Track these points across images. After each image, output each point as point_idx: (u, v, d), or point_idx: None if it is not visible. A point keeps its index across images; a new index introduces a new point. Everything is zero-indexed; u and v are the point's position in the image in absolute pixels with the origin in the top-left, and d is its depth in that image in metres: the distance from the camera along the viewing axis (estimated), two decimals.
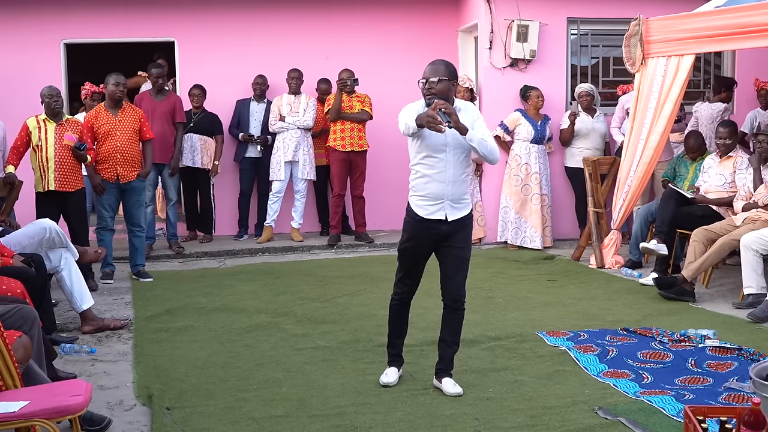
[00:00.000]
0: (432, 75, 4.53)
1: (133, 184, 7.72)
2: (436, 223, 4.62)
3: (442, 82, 4.51)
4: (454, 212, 4.62)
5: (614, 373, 5.02)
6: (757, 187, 7.19)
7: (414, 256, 4.73)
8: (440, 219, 4.60)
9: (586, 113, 9.22)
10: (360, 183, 9.47)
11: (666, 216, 7.52)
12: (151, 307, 6.77)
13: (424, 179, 4.60)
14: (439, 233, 4.63)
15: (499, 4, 9.34)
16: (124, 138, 7.61)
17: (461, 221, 4.66)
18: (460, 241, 4.67)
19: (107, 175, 7.59)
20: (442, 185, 4.57)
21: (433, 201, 4.60)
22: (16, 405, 3.42)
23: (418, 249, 4.71)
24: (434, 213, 4.61)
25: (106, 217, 7.68)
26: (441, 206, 4.60)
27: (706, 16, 7.24)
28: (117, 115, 7.62)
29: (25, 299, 4.83)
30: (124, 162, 7.63)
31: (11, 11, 9.56)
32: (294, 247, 9.40)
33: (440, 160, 4.55)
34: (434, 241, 4.67)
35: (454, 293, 4.71)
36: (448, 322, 4.78)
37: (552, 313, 6.50)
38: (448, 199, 4.59)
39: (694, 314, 6.45)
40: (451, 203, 4.60)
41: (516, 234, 9.19)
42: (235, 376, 5.04)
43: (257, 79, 9.64)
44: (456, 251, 4.67)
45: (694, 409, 3.50)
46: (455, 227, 4.64)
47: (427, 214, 4.62)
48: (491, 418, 4.35)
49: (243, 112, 9.69)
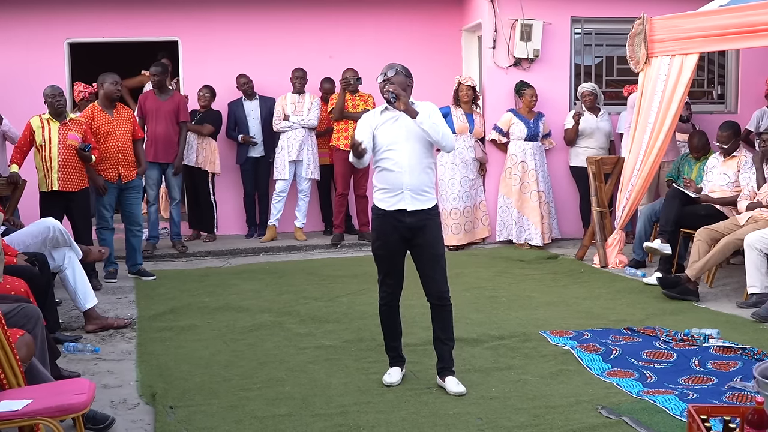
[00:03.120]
0: (389, 69, 4.75)
1: (132, 183, 7.77)
2: (399, 215, 4.66)
3: (400, 75, 4.71)
4: (414, 202, 4.66)
5: (618, 373, 5.02)
6: (760, 186, 7.18)
7: (387, 256, 4.77)
8: (402, 209, 4.65)
9: (590, 112, 9.21)
10: (363, 182, 9.46)
11: (670, 215, 7.50)
12: (154, 306, 6.77)
13: (384, 172, 4.71)
14: (405, 227, 4.67)
15: (502, 3, 9.32)
16: (122, 137, 7.64)
17: (425, 214, 4.68)
18: (429, 239, 4.70)
19: (109, 175, 7.60)
20: (400, 174, 4.64)
21: (392, 192, 4.67)
22: (19, 403, 3.43)
23: (388, 247, 4.74)
24: (395, 204, 4.67)
25: (107, 217, 7.69)
26: (401, 197, 4.66)
27: (710, 15, 7.23)
28: (113, 114, 7.64)
29: (28, 298, 4.84)
30: (124, 161, 7.65)
31: (15, 10, 9.57)
32: (297, 247, 9.40)
33: (396, 152, 4.66)
34: (401, 236, 4.70)
35: (436, 291, 4.74)
36: (437, 319, 4.80)
37: (555, 312, 6.49)
38: (407, 188, 4.64)
39: (697, 314, 6.44)
40: (411, 193, 4.65)
41: (520, 232, 9.19)
42: (238, 375, 5.05)
43: (241, 79, 9.59)
44: (427, 250, 4.70)
45: (698, 408, 3.49)
46: (419, 220, 4.67)
47: (388, 206, 4.69)
48: (494, 417, 4.34)
49: (238, 113, 9.65)
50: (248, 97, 9.64)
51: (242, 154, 9.72)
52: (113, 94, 7.62)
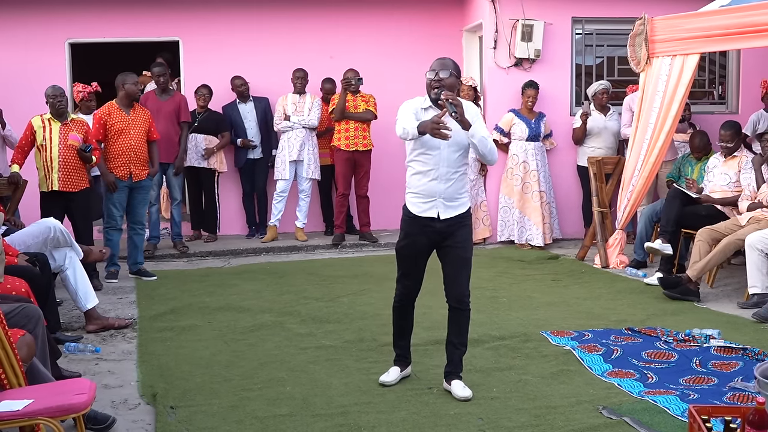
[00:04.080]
0: (441, 69, 4.53)
1: (142, 183, 7.78)
2: (429, 221, 4.59)
3: (452, 77, 4.52)
4: (447, 210, 4.59)
5: (619, 373, 5.01)
6: (759, 187, 7.18)
7: (411, 256, 4.71)
8: (433, 217, 4.59)
9: (600, 112, 9.18)
10: (364, 182, 9.46)
11: (671, 216, 7.50)
12: (155, 307, 6.77)
13: (418, 176, 4.60)
14: (434, 231, 4.60)
15: (503, 3, 9.32)
16: (137, 137, 7.66)
17: (457, 220, 4.61)
18: (459, 241, 4.62)
19: (120, 173, 7.61)
20: (435, 182, 4.55)
21: (425, 198, 4.59)
22: (20, 403, 3.42)
23: (415, 248, 4.68)
24: (427, 211, 4.59)
25: (115, 216, 7.69)
26: (433, 204, 4.58)
27: (711, 16, 7.23)
28: (130, 113, 7.65)
29: (29, 298, 4.84)
30: (137, 160, 7.67)
31: (16, 11, 9.58)
32: (298, 247, 9.40)
33: (433, 157, 4.54)
34: (430, 239, 4.64)
35: (457, 294, 4.66)
36: (454, 323, 4.73)
37: (556, 312, 6.49)
38: (441, 197, 4.56)
39: (698, 314, 6.44)
40: (444, 201, 4.57)
41: (521, 233, 9.18)
42: (239, 375, 5.05)
43: (237, 81, 9.57)
44: (456, 251, 4.63)
45: (699, 408, 3.49)
46: (451, 226, 4.60)
47: (419, 211, 4.61)
48: (495, 417, 4.34)
49: (234, 117, 9.63)
50: (243, 99, 9.63)
51: (241, 158, 9.70)
52: (135, 94, 7.69)
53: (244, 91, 9.59)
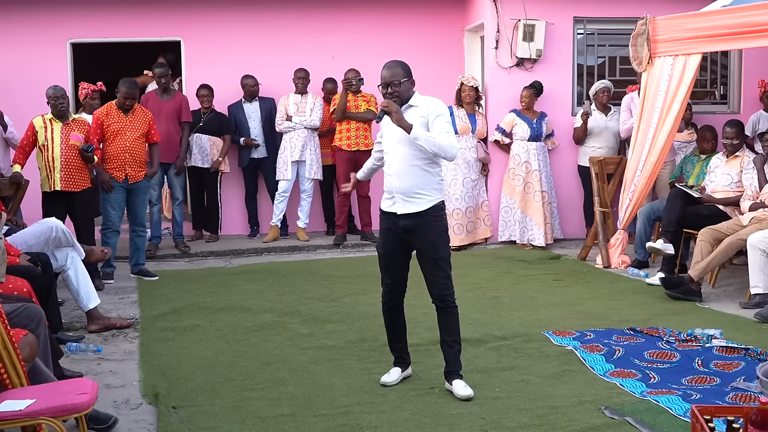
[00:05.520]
0: (392, 79, 4.63)
1: (139, 184, 7.75)
2: (393, 217, 4.70)
3: (404, 84, 4.64)
4: (405, 205, 4.64)
5: (621, 373, 5.01)
6: (762, 187, 7.17)
7: (384, 255, 4.79)
8: (395, 212, 4.68)
9: (601, 111, 9.18)
10: (365, 183, 9.43)
11: (672, 215, 7.50)
12: (157, 307, 6.77)
13: (385, 173, 4.78)
14: (400, 228, 4.67)
15: (505, 3, 9.32)
16: (132, 138, 7.63)
17: (418, 217, 4.62)
18: (427, 241, 4.64)
19: (116, 174, 7.61)
20: (391, 178, 4.68)
21: (388, 194, 4.74)
22: (22, 403, 3.43)
23: (386, 245, 4.76)
24: (389, 207, 4.72)
25: (113, 217, 7.67)
26: (393, 200, 4.69)
27: (713, 16, 7.22)
28: (128, 115, 7.63)
29: (31, 298, 4.84)
30: (132, 162, 7.64)
31: (18, 10, 9.58)
32: (300, 247, 9.40)
33: (389, 155, 4.71)
34: (398, 237, 4.70)
35: (437, 294, 4.70)
36: (442, 322, 4.76)
37: (558, 312, 6.49)
38: (398, 192, 4.65)
39: (700, 314, 6.43)
40: (402, 196, 4.64)
41: (523, 233, 9.18)
42: (241, 375, 5.05)
43: (248, 81, 9.56)
44: (426, 252, 4.66)
45: (701, 408, 3.49)
46: (413, 223, 4.63)
47: (385, 207, 4.77)
48: (497, 417, 4.34)
49: (238, 116, 9.64)
50: (250, 98, 9.63)
51: (245, 157, 9.70)
52: (122, 105, 7.60)
53: (255, 91, 9.58)
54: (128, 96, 7.57)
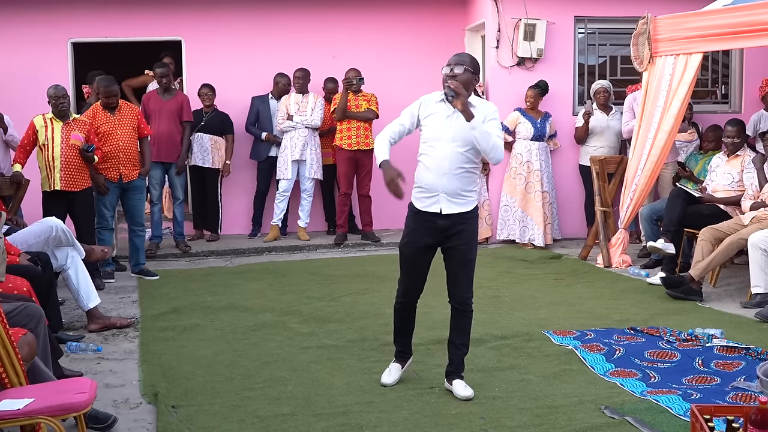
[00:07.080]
0: (456, 64, 4.52)
1: (134, 183, 7.75)
2: (432, 217, 4.56)
3: (468, 72, 4.51)
4: (450, 206, 4.53)
5: (621, 373, 5.01)
6: (762, 186, 7.16)
7: (413, 254, 4.65)
8: (436, 212, 4.55)
9: (602, 111, 9.17)
10: (366, 182, 9.46)
11: (674, 215, 7.49)
12: (157, 306, 6.77)
13: (424, 170, 4.58)
14: (437, 228, 4.56)
15: (506, 2, 9.32)
16: (125, 137, 7.62)
17: (461, 217, 4.56)
18: (463, 240, 4.57)
19: (110, 174, 7.60)
20: (438, 176, 4.51)
21: (429, 193, 4.55)
22: (21, 402, 3.42)
23: (417, 245, 4.62)
24: (430, 206, 4.56)
25: (107, 216, 7.69)
26: (436, 199, 4.54)
27: (714, 15, 7.21)
28: (115, 114, 7.63)
29: (31, 297, 4.84)
30: (126, 161, 7.64)
31: (19, 10, 9.59)
32: (300, 246, 9.40)
33: (438, 150, 4.51)
34: (432, 236, 4.59)
35: (459, 296, 4.63)
36: (456, 324, 4.71)
37: (559, 312, 6.48)
38: (444, 191, 4.52)
39: (701, 313, 6.43)
40: (447, 196, 4.52)
41: (523, 232, 9.17)
42: (241, 375, 5.04)
43: (283, 79, 9.53)
44: (459, 251, 4.58)
45: (702, 408, 3.49)
46: (454, 223, 4.55)
47: (423, 206, 4.58)
48: (497, 417, 4.34)
49: (262, 110, 9.60)
50: (278, 96, 9.57)
51: (262, 152, 9.66)
52: (107, 105, 7.58)
53: (286, 90, 9.54)
54: (109, 94, 7.56)
